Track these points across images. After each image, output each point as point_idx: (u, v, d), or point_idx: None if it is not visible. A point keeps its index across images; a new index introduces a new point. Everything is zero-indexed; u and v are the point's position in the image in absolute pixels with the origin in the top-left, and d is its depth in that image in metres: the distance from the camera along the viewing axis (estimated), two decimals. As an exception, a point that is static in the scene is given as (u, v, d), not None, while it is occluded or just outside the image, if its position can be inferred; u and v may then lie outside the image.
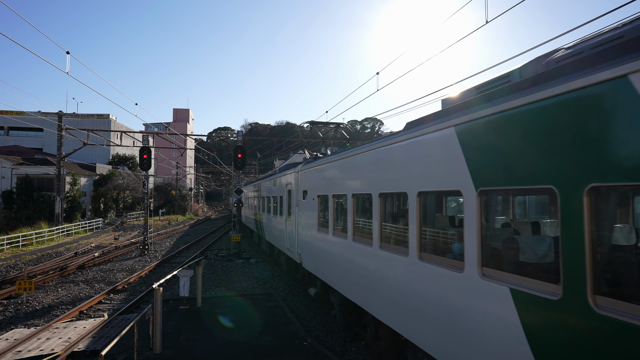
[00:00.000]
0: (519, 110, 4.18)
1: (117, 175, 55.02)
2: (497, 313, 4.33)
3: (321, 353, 9.16)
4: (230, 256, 24.25)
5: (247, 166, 74.22)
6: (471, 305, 4.76)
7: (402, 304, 6.40)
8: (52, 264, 21.05)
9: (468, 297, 4.82)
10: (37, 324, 11.97)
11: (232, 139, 72.67)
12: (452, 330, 5.10)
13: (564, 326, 3.57)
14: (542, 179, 3.84)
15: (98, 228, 42.84)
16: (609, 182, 3.27)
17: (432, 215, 6.49)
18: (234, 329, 10.86)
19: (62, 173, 36.23)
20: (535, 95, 3.96)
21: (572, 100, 3.59)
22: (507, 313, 4.16)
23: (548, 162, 3.77)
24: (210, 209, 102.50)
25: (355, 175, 8.65)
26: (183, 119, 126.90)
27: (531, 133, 4.01)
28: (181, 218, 63.00)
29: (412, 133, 6.28)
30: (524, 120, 4.11)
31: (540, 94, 3.89)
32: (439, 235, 6.19)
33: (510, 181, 4.27)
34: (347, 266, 8.94)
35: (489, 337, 4.45)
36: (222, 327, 11.00)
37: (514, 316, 4.08)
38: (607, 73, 3.32)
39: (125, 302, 14.23)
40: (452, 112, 5.38)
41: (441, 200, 6.98)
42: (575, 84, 3.54)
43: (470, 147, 4.90)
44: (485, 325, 4.51)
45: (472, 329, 4.73)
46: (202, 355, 9.07)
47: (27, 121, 55.67)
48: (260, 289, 16.00)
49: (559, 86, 3.70)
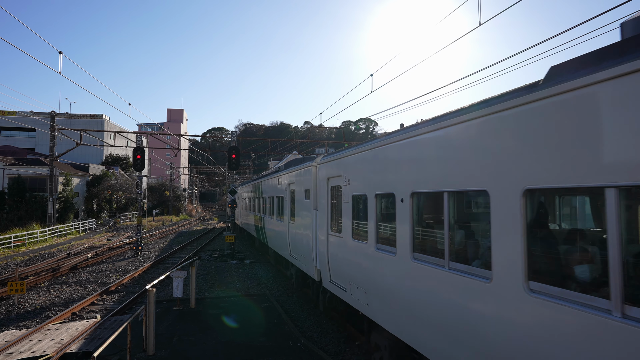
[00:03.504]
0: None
1: (111, 175, 54.71)
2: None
3: (315, 354, 9.16)
4: (225, 257, 24.19)
5: (241, 167, 74.07)
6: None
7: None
8: (44, 265, 20.89)
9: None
10: (29, 325, 11.88)
11: (226, 139, 72.60)
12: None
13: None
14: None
15: (91, 229, 42.56)
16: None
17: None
18: (228, 330, 10.83)
19: (54, 173, 35.97)
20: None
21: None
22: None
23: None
24: (205, 209, 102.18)
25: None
26: (177, 119, 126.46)
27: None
28: (175, 219, 62.75)
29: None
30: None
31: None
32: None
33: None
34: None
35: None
36: (216, 328, 10.97)
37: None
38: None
39: (119, 304, 14.14)
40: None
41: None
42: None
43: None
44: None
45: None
46: (195, 356, 9.04)
47: (19, 121, 55.26)
48: (254, 290, 15.96)
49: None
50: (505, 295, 4.23)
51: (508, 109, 4.30)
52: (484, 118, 4.66)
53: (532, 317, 3.90)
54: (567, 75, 3.70)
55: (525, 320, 3.98)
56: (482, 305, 4.58)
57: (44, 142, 58.59)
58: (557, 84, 3.73)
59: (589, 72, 3.47)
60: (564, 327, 3.60)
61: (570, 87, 3.60)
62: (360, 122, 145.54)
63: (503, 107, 4.37)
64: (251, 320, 11.63)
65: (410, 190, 6.08)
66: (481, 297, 4.60)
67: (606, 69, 3.31)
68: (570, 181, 3.61)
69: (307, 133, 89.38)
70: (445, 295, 5.23)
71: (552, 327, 3.70)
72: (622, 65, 3.19)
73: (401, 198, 6.28)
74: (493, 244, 4.43)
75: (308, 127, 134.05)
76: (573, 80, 3.57)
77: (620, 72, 3.21)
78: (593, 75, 3.41)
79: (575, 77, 3.58)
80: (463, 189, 5.03)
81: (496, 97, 4.71)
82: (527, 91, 4.10)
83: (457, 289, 5.01)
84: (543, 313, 3.79)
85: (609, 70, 3.29)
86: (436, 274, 5.43)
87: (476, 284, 4.67)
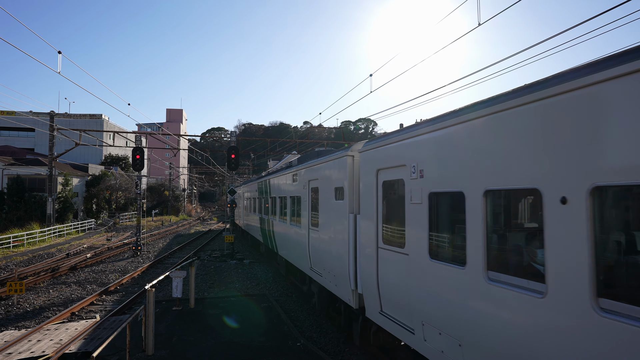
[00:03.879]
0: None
1: (110, 175, 54.70)
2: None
3: (314, 354, 9.17)
4: (224, 257, 24.19)
5: (241, 167, 74.06)
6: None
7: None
8: (43, 265, 20.88)
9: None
10: (28, 325, 11.87)
11: (225, 139, 72.61)
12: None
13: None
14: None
15: (90, 229, 42.53)
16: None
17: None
18: (227, 330, 10.83)
19: (54, 173, 35.94)
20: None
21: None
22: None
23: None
24: (204, 209, 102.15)
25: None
26: (176, 119, 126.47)
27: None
28: (174, 219, 62.73)
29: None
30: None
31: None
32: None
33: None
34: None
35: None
36: (215, 328, 10.97)
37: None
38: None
39: (118, 304, 14.14)
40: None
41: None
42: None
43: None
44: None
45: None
46: (195, 356, 9.04)
47: (18, 121, 55.24)
48: (253, 290, 15.96)
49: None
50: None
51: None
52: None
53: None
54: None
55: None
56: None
57: (43, 142, 58.53)
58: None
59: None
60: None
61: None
62: (359, 122, 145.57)
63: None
64: (250, 320, 11.63)
65: (587, 182, 3.44)
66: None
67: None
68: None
69: (307, 133, 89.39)
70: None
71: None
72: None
73: (561, 196, 3.66)
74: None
75: (307, 127, 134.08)
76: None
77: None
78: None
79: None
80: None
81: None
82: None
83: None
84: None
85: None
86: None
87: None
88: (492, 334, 4.47)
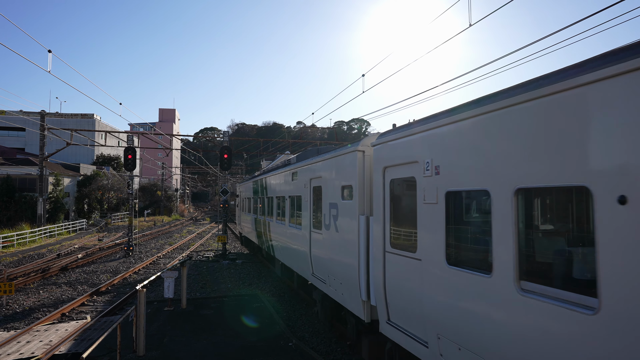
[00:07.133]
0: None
1: (102, 175, 54.30)
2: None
3: (306, 353, 9.17)
4: (216, 257, 24.12)
5: (234, 167, 73.94)
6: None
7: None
8: (33, 265, 20.68)
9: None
10: (17, 327, 11.75)
11: (218, 139, 72.33)
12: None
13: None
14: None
15: (82, 229, 42.22)
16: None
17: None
18: (219, 330, 10.80)
19: (44, 173, 35.62)
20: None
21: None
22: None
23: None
24: (197, 209, 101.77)
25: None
26: (169, 119, 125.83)
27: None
28: (167, 219, 62.45)
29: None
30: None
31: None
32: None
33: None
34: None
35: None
36: (207, 328, 10.93)
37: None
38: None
39: (109, 304, 14.05)
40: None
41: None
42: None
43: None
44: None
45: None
46: (186, 357, 9.00)
47: (8, 120, 54.61)
48: (245, 290, 15.93)
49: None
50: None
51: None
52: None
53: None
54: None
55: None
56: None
57: (33, 141, 57.99)
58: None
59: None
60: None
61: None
62: (352, 122, 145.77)
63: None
64: (243, 321, 11.60)
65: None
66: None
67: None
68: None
69: (300, 133, 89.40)
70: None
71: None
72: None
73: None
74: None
75: (301, 127, 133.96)
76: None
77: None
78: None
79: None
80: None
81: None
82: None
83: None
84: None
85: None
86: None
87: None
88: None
